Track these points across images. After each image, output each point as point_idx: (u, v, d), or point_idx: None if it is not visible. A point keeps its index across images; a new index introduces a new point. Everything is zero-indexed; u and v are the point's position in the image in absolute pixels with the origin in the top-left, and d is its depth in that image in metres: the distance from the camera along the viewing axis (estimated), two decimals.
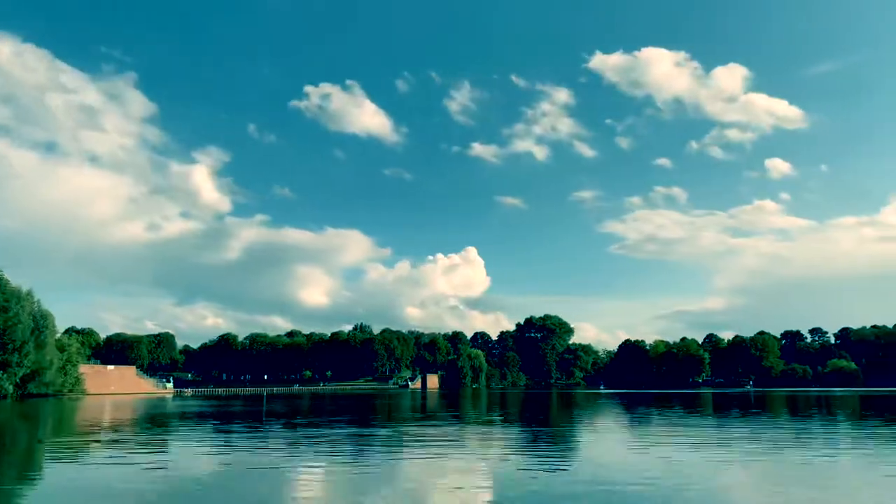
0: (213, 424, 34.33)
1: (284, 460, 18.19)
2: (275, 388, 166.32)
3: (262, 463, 17.33)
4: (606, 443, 23.55)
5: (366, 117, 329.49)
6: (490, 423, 34.96)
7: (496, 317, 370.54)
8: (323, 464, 17.31)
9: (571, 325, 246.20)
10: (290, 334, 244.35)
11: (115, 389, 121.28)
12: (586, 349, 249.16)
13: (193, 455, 19.88)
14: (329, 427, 30.49)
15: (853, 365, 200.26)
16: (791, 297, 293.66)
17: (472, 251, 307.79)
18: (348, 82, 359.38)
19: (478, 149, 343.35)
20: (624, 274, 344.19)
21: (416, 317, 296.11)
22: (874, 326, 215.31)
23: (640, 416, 40.03)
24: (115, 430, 30.04)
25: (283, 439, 24.37)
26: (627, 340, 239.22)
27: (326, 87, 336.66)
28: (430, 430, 28.46)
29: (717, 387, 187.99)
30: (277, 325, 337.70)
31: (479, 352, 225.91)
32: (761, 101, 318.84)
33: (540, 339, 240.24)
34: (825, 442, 23.18)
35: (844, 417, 38.04)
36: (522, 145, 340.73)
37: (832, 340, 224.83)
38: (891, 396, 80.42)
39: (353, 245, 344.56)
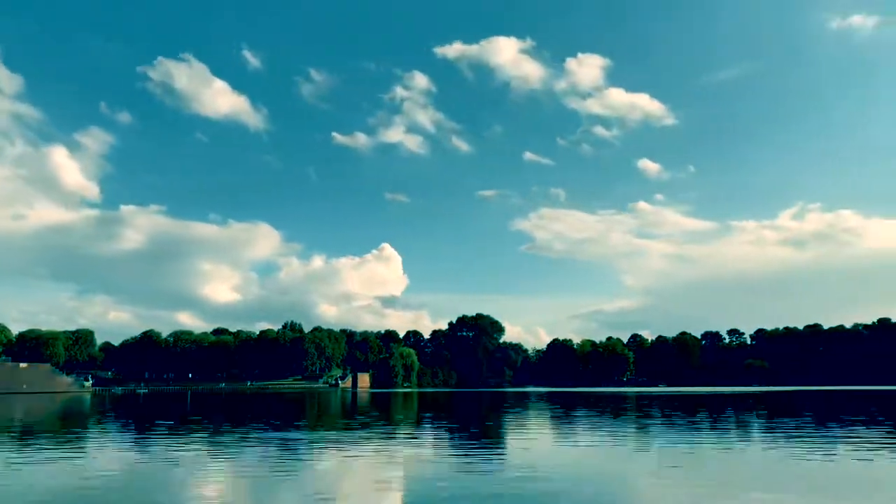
0: (127, 425, 33.15)
1: (189, 462, 17.72)
2: (200, 387, 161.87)
3: (167, 464, 16.87)
4: (532, 441, 23.95)
5: (220, 98, 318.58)
6: (416, 422, 35.05)
7: (416, 315, 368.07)
8: (230, 466, 16.98)
9: (503, 325, 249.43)
10: (217, 332, 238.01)
11: (27, 388, 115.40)
12: (516, 348, 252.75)
13: (98, 456, 19.14)
14: (244, 428, 29.92)
15: (766, 364, 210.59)
16: (700, 299, 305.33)
17: (387, 248, 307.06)
18: (189, 57, 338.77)
19: (353, 139, 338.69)
20: (537, 273, 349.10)
21: (331, 314, 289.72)
22: (786, 328, 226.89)
23: (569, 417, 40.91)
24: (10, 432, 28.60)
25: (189, 441, 23.76)
26: (556, 339, 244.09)
27: (173, 64, 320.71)
28: (352, 430, 28.32)
29: (641, 385, 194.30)
30: (184, 322, 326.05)
31: (412, 350, 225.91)
32: (621, 95, 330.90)
33: (472, 337, 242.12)
34: (730, 437, 24.32)
35: (735, 414, 39.96)
36: (391, 135, 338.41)
37: (749, 341, 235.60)
38: (801, 394, 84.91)
39: (262, 239, 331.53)
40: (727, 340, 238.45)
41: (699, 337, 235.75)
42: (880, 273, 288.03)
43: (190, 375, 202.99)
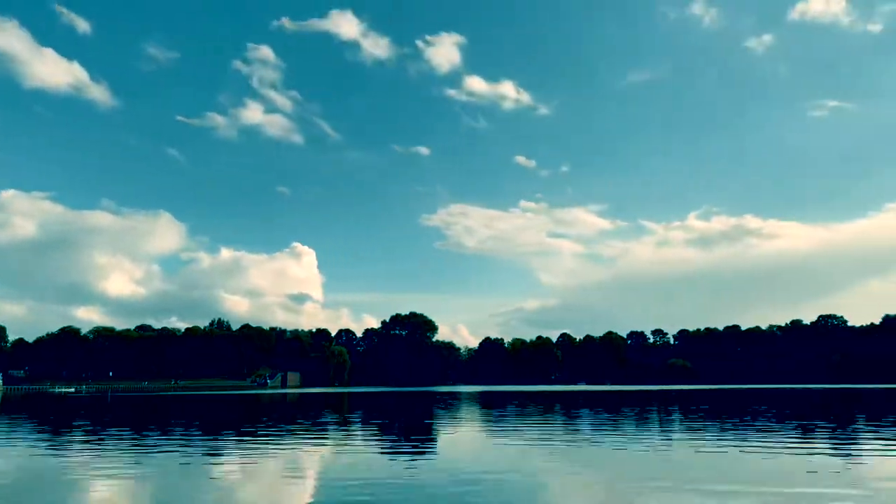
0: (32, 426, 31.60)
1: (79, 467, 17.07)
2: (121, 386, 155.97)
3: (56, 469, 16.22)
4: (460, 439, 24.15)
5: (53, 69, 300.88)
6: (344, 422, 34.79)
7: (337, 313, 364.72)
8: (122, 472, 16.48)
9: (436, 324, 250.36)
10: (141, 328, 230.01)
11: None
12: (449, 347, 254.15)
13: None
14: (156, 431, 29.03)
15: (688, 363, 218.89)
16: (616, 299, 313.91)
17: (298, 245, 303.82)
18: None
19: (209, 119, 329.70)
20: (453, 270, 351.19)
21: (241, 311, 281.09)
22: (707, 329, 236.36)
23: (498, 415, 41.42)
24: None
25: (89, 445, 22.93)
26: (488, 338, 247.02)
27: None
28: (277, 431, 27.87)
29: (569, 383, 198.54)
30: (80, 317, 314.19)
31: (344, 349, 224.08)
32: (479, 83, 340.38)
33: (406, 336, 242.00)
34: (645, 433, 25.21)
35: (642, 412, 41.50)
36: (250, 116, 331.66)
37: (672, 341, 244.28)
38: (719, 392, 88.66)
39: (164, 230, 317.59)
40: (652, 340, 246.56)
41: (625, 336, 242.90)
42: (786, 275, 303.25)
43: (111, 374, 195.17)
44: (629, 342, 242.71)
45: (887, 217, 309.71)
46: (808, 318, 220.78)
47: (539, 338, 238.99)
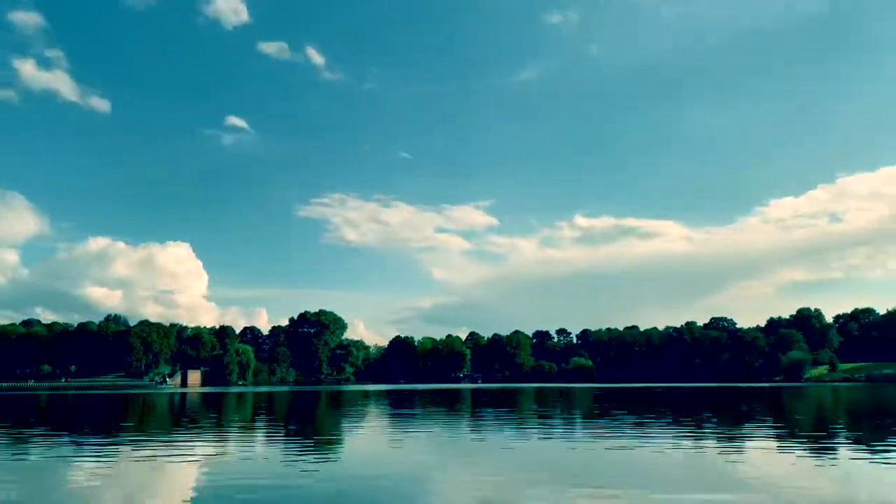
0: None
1: None
2: (2, 384, 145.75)
3: None
4: (363, 439, 24.10)
5: None
6: (247, 421, 33.99)
7: (223, 311, 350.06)
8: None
9: (345, 322, 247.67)
10: (26, 323, 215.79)
11: None
12: (357, 345, 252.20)
13: None
14: (32, 431, 27.51)
15: (590, 362, 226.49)
16: (513, 297, 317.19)
17: (177, 236, 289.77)
18: None
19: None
20: (344, 265, 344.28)
21: (108, 304, 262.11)
22: (608, 329, 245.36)
23: (404, 414, 41.52)
24: None
25: None
26: (398, 336, 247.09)
27: None
28: (165, 432, 26.96)
29: (476, 381, 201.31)
30: None
31: (248, 347, 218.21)
32: None
33: (313, 334, 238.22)
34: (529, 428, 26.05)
35: (536, 407, 42.97)
36: (43, 79, 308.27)
37: (574, 340, 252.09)
38: (615, 389, 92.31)
39: (15, 214, 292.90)
40: (556, 339, 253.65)
41: (531, 335, 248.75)
42: (673, 276, 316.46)
43: None
44: (534, 341, 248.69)
45: (760, 220, 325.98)
46: (701, 319, 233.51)
47: (449, 336, 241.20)
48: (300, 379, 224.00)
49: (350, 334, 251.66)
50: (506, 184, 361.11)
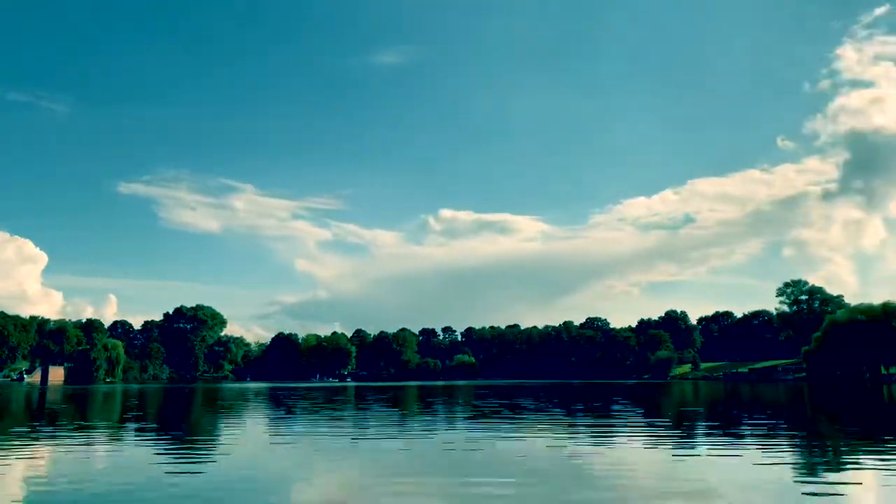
0: None
1: None
2: None
3: None
4: (243, 439, 23.39)
5: None
6: (114, 420, 32.05)
7: (66, 303, 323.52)
8: None
9: (225, 317, 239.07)
10: None
11: None
12: (237, 341, 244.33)
13: None
14: None
15: (473, 359, 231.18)
16: (384, 294, 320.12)
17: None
18: None
19: None
20: (188, 254, 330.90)
21: None
22: (492, 327, 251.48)
23: (280, 412, 40.62)
24: None
25: None
26: (280, 333, 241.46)
27: None
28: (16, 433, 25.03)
29: (361, 379, 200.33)
30: None
31: (119, 342, 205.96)
32: None
33: (190, 329, 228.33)
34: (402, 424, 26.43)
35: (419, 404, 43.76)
36: None
37: (459, 338, 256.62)
38: (494, 386, 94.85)
39: None
40: (441, 337, 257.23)
41: (417, 333, 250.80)
42: (539, 273, 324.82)
43: None
44: (420, 338, 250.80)
45: (615, 218, 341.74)
46: (578, 319, 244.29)
47: (334, 333, 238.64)
48: (174, 376, 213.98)
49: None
50: (364, 175, 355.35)
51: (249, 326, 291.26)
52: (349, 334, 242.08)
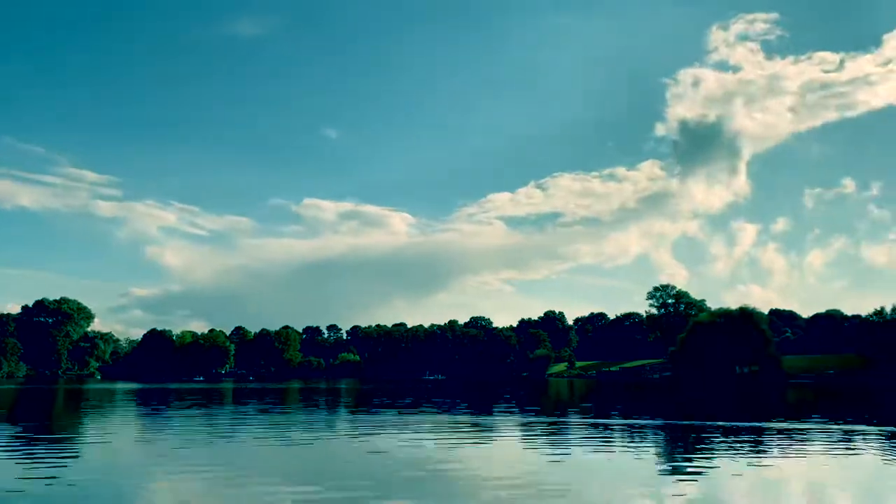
0: None
1: None
2: None
3: None
4: (100, 444, 22.18)
5: None
6: None
7: None
8: None
9: (92, 311, 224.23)
10: None
11: None
12: (106, 337, 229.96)
13: None
14: None
15: (358, 357, 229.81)
16: (245, 289, 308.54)
17: None
18: None
19: None
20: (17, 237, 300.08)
21: None
22: (377, 326, 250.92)
23: (146, 414, 38.76)
24: None
25: None
26: (154, 329, 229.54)
27: None
28: None
29: (240, 378, 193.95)
30: None
31: None
32: None
33: (52, 324, 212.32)
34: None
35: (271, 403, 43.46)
36: None
37: (344, 336, 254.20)
38: (378, 384, 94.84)
39: None
40: (326, 335, 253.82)
41: (301, 331, 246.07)
42: (409, 268, 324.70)
43: None
44: (304, 336, 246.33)
45: (480, 212, 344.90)
46: (462, 318, 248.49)
47: (212, 330, 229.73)
48: (32, 374, 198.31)
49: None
50: (217, 156, 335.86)
51: (107, 322, 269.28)
52: (207, 330, 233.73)
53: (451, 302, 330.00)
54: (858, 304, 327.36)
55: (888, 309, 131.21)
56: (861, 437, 24.42)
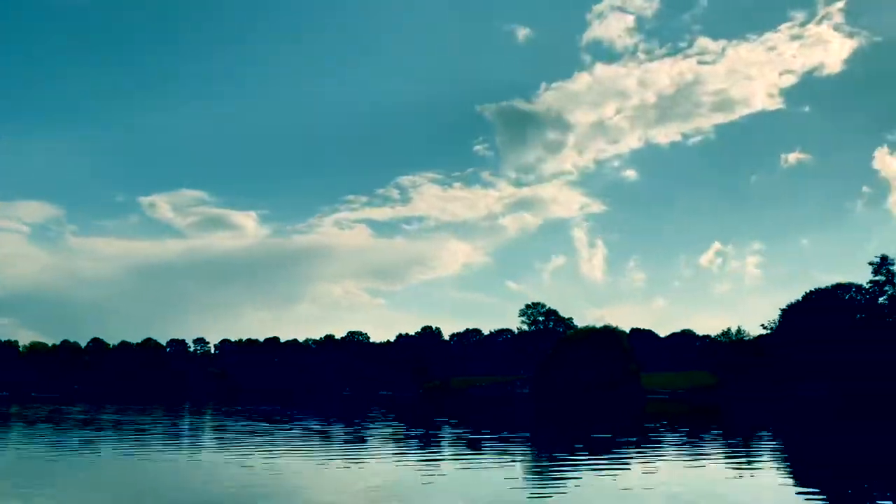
0: None
1: None
2: None
3: None
4: None
5: None
6: None
7: None
8: None
9: None
10: None
11: None
12: None
13: None
14: None
15: (227, 373, 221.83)
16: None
17: None
18: None
19: None
20: None
21: None
22: (249, 339, 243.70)
23: None
24: None
25: None
26: None
27: None
28: None
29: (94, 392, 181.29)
30: None
31: None
32: None
33: None
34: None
35: None
36: None
37: (213, 350, 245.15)
38: (246, 400, 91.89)
39: None
40: (193, 349, 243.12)
41: (165, 344, 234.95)
42: (281, 275, 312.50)
43: None
44: (169, 349, 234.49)
45: (335, 218, 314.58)
46: (339, 333, 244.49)
47: (65, 342, 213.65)
48: None
49: None
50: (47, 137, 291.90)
51: None
52: (113, 343, 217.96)
53: (319, 315, 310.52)
54: (708, 325, 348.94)
55: (734, 330, 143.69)
56: (707, 447, 26.76)
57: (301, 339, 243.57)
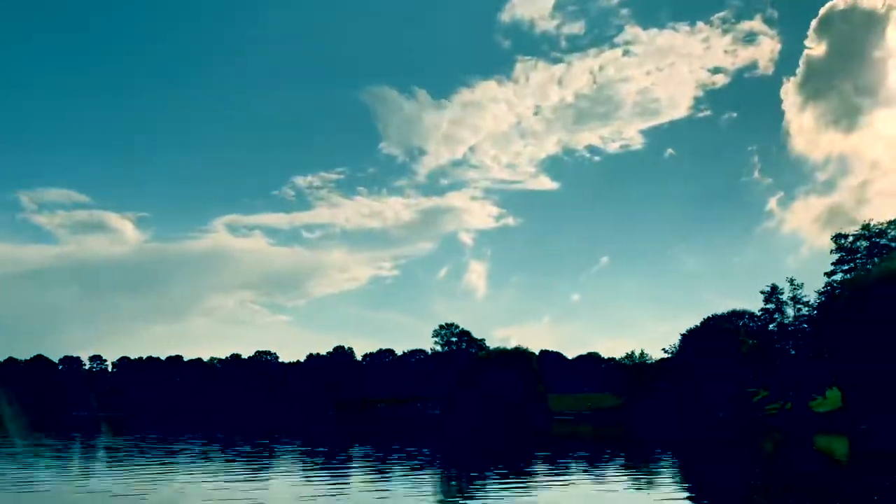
0: None
1: None
2: None
3: None
4: None
5: None
6: None
7: None
8: None
9: None
10: None
11: None
12: None
13: None
14: None
15: (124, 392, 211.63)
16: None
17: None
18: None
19: None
20: None
21: None
22: (150, 357, 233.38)
23: None
24: None
25: None
26: None
27: None
28: None
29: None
30: None
31: None
32: None
33: None
34: None
35: None
36: None
37: (110, 368, 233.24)
38: (144, 421, 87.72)
39: None
40: (88, 366, 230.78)
41: (57, 361, 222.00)
42: (172, 285, 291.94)
43: None
44: (61, 367, 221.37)
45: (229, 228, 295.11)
46: (246, 352, 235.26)
47: None
48: None
49: None
50: None
51: None
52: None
53: (218, 331, 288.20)
54: (614, 348, 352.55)
55: (637, 353, 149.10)
56: (609, 467, 27.61)
57: (205, 357, 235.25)
